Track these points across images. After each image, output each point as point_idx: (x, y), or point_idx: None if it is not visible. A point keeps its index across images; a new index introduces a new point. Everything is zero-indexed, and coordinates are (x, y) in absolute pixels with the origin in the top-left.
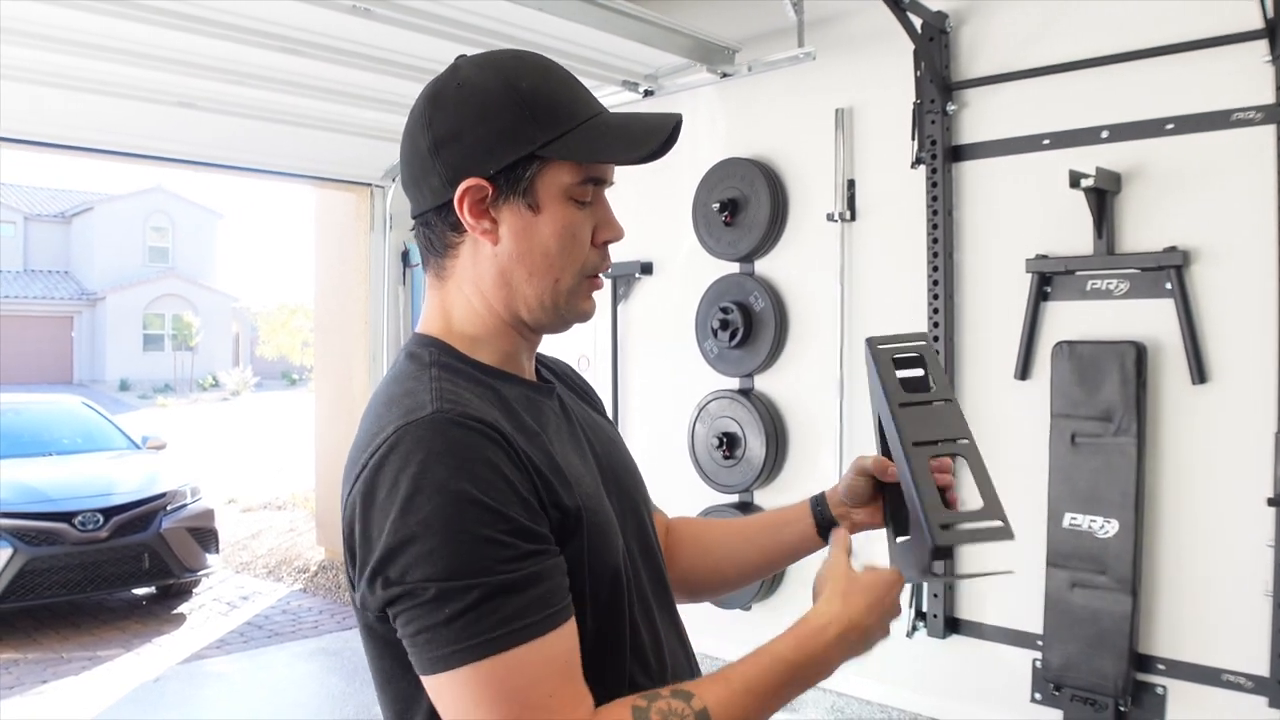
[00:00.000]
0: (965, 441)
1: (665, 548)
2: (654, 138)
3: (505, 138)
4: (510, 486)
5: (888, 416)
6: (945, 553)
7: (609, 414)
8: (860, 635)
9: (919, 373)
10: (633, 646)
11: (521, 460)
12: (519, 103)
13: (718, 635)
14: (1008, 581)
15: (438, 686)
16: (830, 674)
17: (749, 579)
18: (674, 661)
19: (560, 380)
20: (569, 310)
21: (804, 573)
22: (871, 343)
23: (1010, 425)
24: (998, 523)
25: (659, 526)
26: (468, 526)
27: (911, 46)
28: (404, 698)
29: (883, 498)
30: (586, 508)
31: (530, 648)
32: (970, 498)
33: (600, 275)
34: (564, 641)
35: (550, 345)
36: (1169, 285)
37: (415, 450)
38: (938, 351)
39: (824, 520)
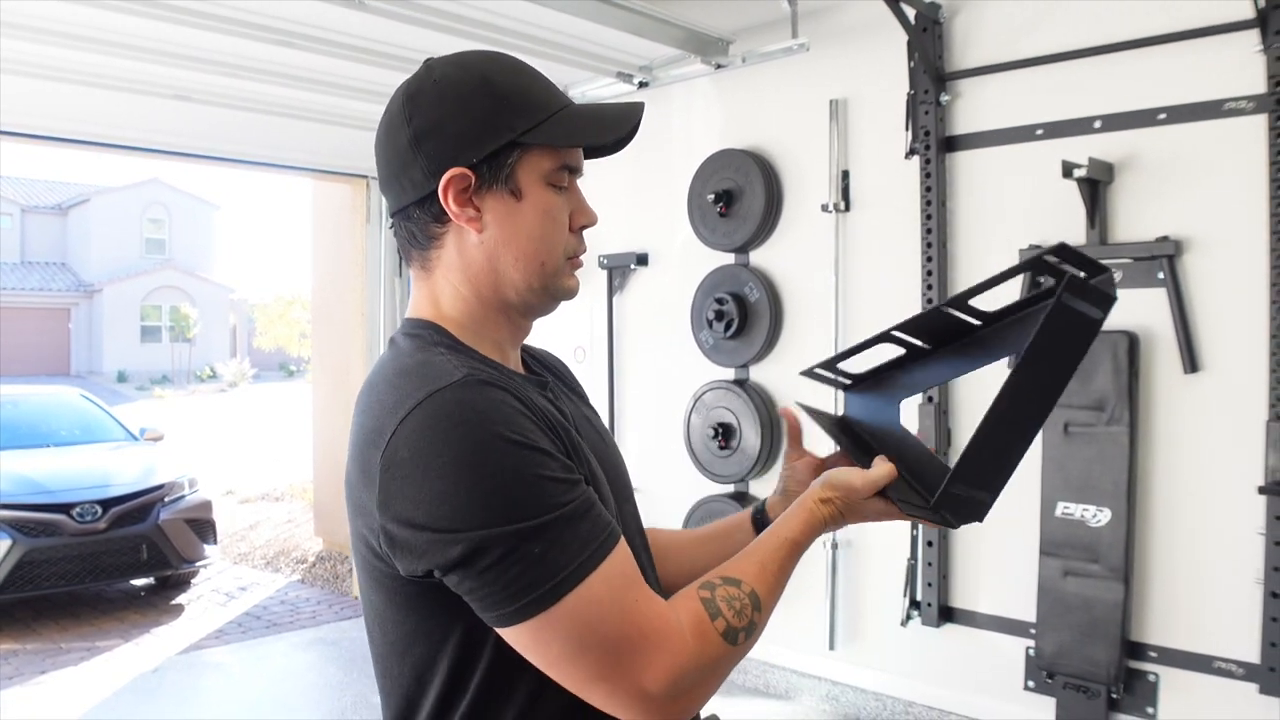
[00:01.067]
0: None
1: None
2: (625, 122)
3: (486, 127)
4: (544, 433)
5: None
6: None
7: (605, 406)
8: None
9: None
10: None
11: (543, 418)
12: (496, 94)
13: None
14: (1001, 571)
15: (538, 627)
16: None
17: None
18: None
19: (551, 373)
20: (556, 289)
21: None
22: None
23: None
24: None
25: None
26: (533, 470)
27: (905, 37)
28: (423, 661)
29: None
30: (593, 477)
31: (610, 562)
32: None
33: (579, 256)
34: (626, 551)
35: (549, 337)
36: (1161, 275)
37: (459, 409)
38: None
39: (763, 525)
